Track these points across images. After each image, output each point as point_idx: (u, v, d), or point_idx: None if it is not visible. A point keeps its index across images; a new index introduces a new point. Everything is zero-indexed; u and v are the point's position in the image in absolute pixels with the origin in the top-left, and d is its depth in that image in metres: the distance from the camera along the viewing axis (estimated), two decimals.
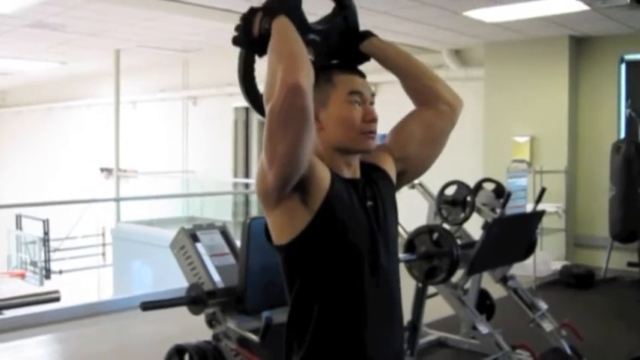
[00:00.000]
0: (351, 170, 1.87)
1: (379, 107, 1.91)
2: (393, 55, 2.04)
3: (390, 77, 2.09)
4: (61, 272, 11.75)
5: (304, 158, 1.65)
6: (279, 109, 1.58)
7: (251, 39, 1.77)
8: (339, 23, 1.99)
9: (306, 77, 1.59)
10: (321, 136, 1.81)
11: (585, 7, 6.77)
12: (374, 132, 1.86)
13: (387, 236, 1.88)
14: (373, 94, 1.90)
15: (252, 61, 1.84)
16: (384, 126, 1.96)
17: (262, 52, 1.76)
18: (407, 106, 2.03)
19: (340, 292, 1.78)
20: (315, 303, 1.77)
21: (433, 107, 2.00)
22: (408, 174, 2.05)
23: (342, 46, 1.99)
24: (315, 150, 1.74)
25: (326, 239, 1.76)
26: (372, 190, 1.88)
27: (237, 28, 1.79)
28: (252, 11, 1.78)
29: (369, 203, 1.85)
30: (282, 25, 1.72)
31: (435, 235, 4.11)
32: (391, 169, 1.98)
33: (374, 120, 1.85)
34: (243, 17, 1.78)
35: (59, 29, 8.87)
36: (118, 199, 11.40)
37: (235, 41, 1.80)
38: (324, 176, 1.75)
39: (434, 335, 5.25)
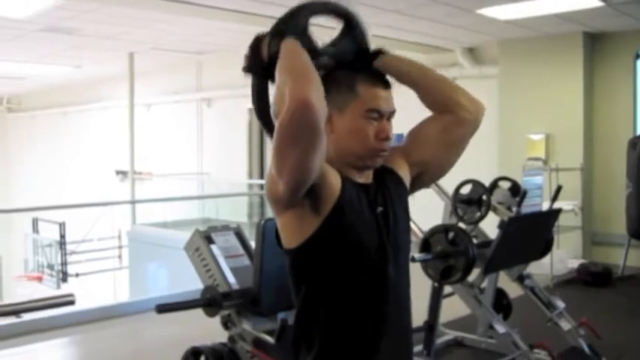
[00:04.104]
0: (364, 175, 1.85)
1: (398, 107, 1.88)
2: (407, 69, 1.95)
3: None
4: (77, 275, 11.80)
5: (314, 170, 1.62)
6: (288, 124, 1.55)
7: (261, 64, 1.74)
8: (350, 44, 1.91)
9: (316, 91, 1.55)
10: (331, 139, 1.77)
11: (599, 3, 6.72)
12: (385, 150, 1.82)
13: (397, 242, 1.86)
14: (393, 112, 1.84)
15: (266, 88, 1.79)
16: (397, 126, 1.93)
17: (274, 78, 1.71)
18: (418, 104, 2.01)
19: (347, 298, 1.77)
20: (322, 307, 1.76)
21: (454, 114, 1.94)
22: (425, 178, 2.02)
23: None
24: (326, 153, 1.69)
25: (334, 244, 1.74)
26: (383, 196, 1.86)
27: (246, 57, 1.77)
28: (259, 38, 1.76)
29: (380, 209, 1.83)
30: (290, 46, 1.69)
31: (451, 235, 4.09)
32: (405, 174, 1.96)
33: (387, 139, 1.80)
34: (251, 45, 1.76)
35: (73, 33, 8.91)
36: (133, 202, 11.43)
37: (246, 69, 1.78)
38: (334, 182, 1.73)
39: (450, 335, 5.23)
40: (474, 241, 4.25)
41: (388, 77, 1.87)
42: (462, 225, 4.43)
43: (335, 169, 1.76)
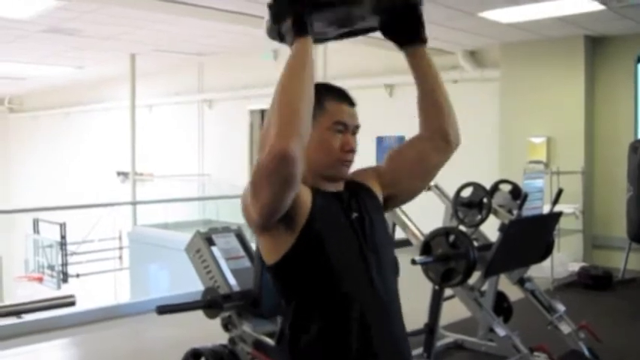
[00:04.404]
0: (334, 185, 1.91)
1: (394, 109, 1.91)
2: (434, 73, 2.01)
3: (403, 80, 2.09)
4: (78, 276, 11.78)
5: (286, 205, 1.69)
6: (266, 170, 1.60)
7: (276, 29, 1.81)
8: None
9: (299, 143, 1.60)
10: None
11: (601, 7, 6.73)
12: (350, 161, 1.90)
13: (376, 246, 1.88)
14: (357, 126, 1.93)
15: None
16: (398, 127, 1.95)
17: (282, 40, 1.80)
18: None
19: (330, 307, 1.79)
20: (308, 317, 1.79)
21: (431, 140, 2.00)
22: (394, 202, 2.08)
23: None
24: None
25: (311, 256, 1.78)
26: (357, 202, 1.91)
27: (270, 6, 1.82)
28: (283, 10, 1.78)
29: (355, 214, 1.88)
30: (302, 50, 1.72)
31: (452, 237, 4.09)
32: (378, 192, 2.01)
33: (351, 150, 1.89)
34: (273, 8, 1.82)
35: (75, 34, 8.92)
36: (134, 203, 11.43)
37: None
38: (305, 199, 1.78)
39: (451, 338, 5.23)
40: (475, 243, 4.25)
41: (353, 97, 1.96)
42: (462, 228, 4.43)
43: (306, 184, 1.81)
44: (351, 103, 1.93)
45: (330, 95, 1.91)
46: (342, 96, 1.93)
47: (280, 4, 1.78)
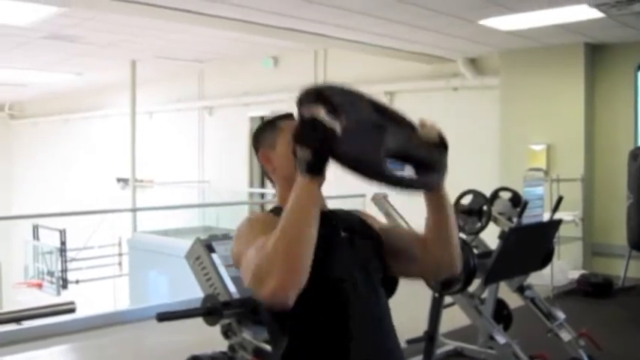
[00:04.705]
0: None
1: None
2: (447, 213, 1.92)
3: (402, 87, 2.09)
4: (77, 282, 11.80)
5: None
6: (264, 300, 1.60)
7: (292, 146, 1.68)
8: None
9: (298, 289, 1.59)
10: (277, 176, 1.97)
11: (601, 15, 6.74)
12: None
13: (366, 266, 1.89)
14: None
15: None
16: None
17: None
18: (420, 114, 2.02)
19: (315, 329, 1.80)
20: (298, 348, 1.80)
21: (426, 271, 2.04)
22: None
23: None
24: (282, 197, 1.89)
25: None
26: (344, 222, 1.93)
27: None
28: (308, 135, 1.63)
29: (343, 234, 1.90)
30: (308, 191, 1.65)
31: None
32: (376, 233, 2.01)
33: None
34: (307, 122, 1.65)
35: (75, 41, 8.94)
36: (134, 210, 11.43)
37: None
38: None
39: (451, 345, 5.22)
40: (475, 251, 4.26)
41: None
42: (462, 235, 4.43)
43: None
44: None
45: (281, 118, 2.01)
46: (291, 116, 1.99)
47: (307, 127, 1.62)
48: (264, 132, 2.02)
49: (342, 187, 4.45)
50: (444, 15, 6.78)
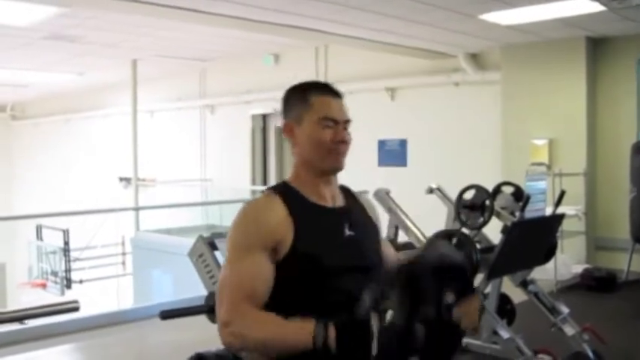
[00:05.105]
0: (330, 198, 1.93)
1: (395, 112, 1.90)
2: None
3: (403, 82, 2.10)
4: (81, 282, 11.79)
5: None
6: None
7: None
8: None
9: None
10: (296, 151, 1.92)
11: (602, 8, 6.73)
12: (341, 152, 1.90)
13: (367, 264, 1.91)
14: (348, 121, 1.93)
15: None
16: (400, 130, 1.95)
17: None
18: (422, 110, 2.02)
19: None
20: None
21: None
22: None
23: None
24: (296, 173, 1.91)
25: (300, 275, 1.83)
26: (351, 220, 1.94)
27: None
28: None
29: (348, 233, 1.91)
30: (305, 345, 1.69)
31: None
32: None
33: (343, 142, 1.90)
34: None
35: (76, 40, 8.94)
36: (137, 209, 11.44)
37: None
38: (285, 238, 1.83)
39: None
40: (478, 246, 4.25)
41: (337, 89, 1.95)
42: (465, 230, 4.43)
43: (298, 197, 1.87)
44: (336, 94, 1.93)
45: (314, 89, 1.92)
46: (324, 88, 1.94)
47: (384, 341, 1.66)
48: (294, 99, 1.94)
49: (343, 184, 4.43)
50: (441, 9, 6.77)
